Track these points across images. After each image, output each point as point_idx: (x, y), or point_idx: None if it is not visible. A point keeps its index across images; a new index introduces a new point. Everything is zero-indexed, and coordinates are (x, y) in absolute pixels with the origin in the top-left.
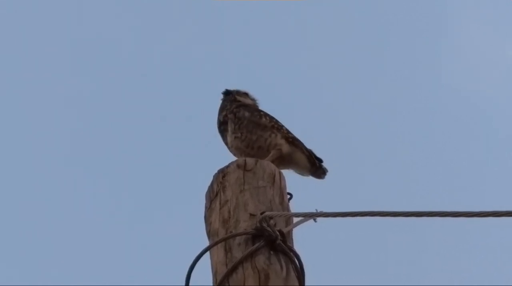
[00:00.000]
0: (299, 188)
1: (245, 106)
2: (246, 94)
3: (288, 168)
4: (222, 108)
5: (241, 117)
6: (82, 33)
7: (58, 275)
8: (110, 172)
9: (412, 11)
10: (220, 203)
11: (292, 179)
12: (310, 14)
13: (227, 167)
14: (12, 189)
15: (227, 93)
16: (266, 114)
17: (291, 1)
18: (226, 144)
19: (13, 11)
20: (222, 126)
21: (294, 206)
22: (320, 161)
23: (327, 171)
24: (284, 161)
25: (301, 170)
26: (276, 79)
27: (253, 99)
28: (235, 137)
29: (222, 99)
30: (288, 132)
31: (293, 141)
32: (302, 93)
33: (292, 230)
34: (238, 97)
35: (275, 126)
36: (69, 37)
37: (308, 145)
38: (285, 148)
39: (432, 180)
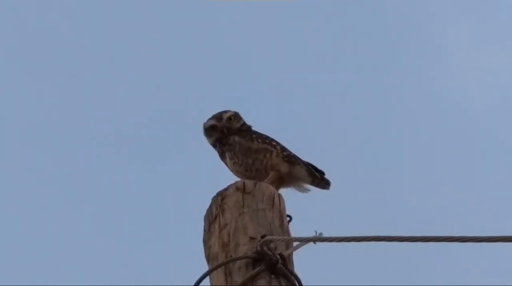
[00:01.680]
0: (299, 210)
1: (237, 131)
2: (235, 117)
3: (289, 186)
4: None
5: (232, 143)
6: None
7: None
8: (104, 191)
9: (398, 18)
10: (219, 226)
11: (291, 201)
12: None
13: (226, 189)
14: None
15: (214, 128)
16: (257, 136)
17: (286, 1)
18: (227, 166)
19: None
20: (220, 150)
21: (294, 228)
22: (322, 173)
23: (330, 182)
24: (284, 180)
25: (303, 185)
26: (275, 84)
27: (241, 119)
28: (234, 163)
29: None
30: (283, 150)
31: (289, 159)
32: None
33: (292, 253)
34: (228, 125)
35: (268, 147)
36: (67, 38)
37: (310, 157)
38: (283, 167)
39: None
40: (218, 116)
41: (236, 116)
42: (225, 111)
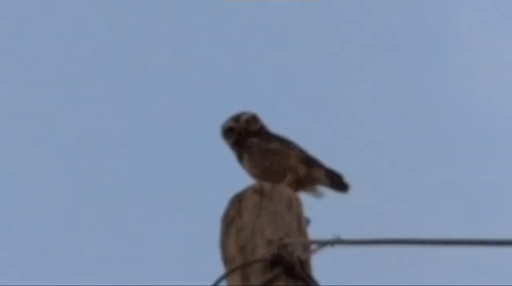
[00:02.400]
0: (317, 214)
1: (254, 133)
2: (253, 118)
3: (307, 189)
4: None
5: (250, 145)
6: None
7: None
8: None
9: (413, 15)
10: (236, 229)
11: (309, 204)
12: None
13: (243, 191)
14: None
15: (231, 130)
16: (276, 138)
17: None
18: (245, 169)
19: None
20: (238, 152)
21: (312, 231)
22: (340, 176)
23: (348, 186)
24: (302, 182)
25: (320, 189)
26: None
27: (259, 121)
28: (251, 165)
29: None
30: (302, 152)
31: (307, 161)
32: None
33: (310, 256)
34: (245, 127)
35: (286, 149)
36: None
37: (328, 160)
38: (301, 170)
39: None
40: (236, 118)
41: (254, 118)
42: (243, 113)
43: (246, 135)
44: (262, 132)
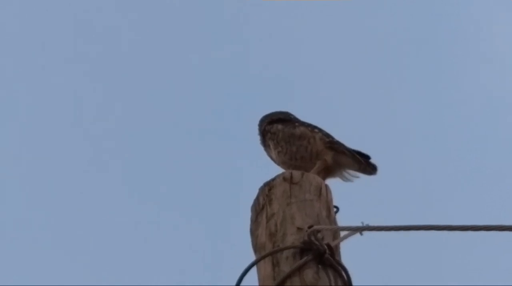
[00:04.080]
0: (346, 201)
1: (278, 121)
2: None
3: (336, 176)
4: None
5: (275, 132)
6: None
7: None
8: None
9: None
10: (266, 216)
11: (338, 192)
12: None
13: (273, 179)
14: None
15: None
16: (300, 123)
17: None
18: (272, 159)
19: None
20: (264, 143)
21: (341, 219)
22: (368, 157)
23: (377, 167)
24: (331, 169)
25: (350, 173)
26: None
27: (285, 114)
28: (278, 152)
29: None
30: (327, 136)
31: (332, 145)
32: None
33: (339, 243)
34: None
35: (311, 133)
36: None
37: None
38: (328, 156)
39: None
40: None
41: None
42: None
43: (270, 124)
44: (287, 120)
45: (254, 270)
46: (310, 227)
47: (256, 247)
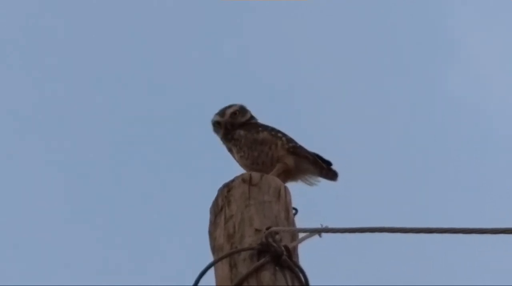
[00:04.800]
0: (304, 203)
1: (241, 125)
2: (239, 111)
3: (297, 179)
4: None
5: (238, 138)
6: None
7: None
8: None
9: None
10: (225, 218)
11: (297, 193)
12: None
13: (232, 181)
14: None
15: (219, 124)
16: (263, 128)
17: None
18: (235, 159)
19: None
20: (227, 145)
21: (300, 221)
22: (329, 163)
23: (337, 173)
24: (291, 173)
25: (311, 178)
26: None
27: (247, 113)
28: (240, 156)
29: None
30: (289, 141)
31: (295, 150)
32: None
33: (297, 245)
34: (231, 121)
35: (273, 139)
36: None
37: (316, 148)
38: (289, 160)
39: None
40: (222, 113)
41: (241, 110)
42: (229, 107)
43: (232, 129)
44: (250, 123)
45: (211, 271)
46: (268, 228)
47: (214, 248)
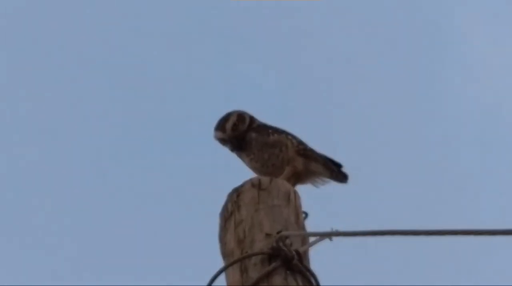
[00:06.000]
0: (315, 207)
1: (251, 128)
2: (239, 120)
3: (306, 182)
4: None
5: (249, 140)
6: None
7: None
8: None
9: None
10: (235, 223)
11: (307, 197)
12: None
13: (242, 185)
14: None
15: (224, 141)
16: (273, 131)
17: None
18: (244, 163)
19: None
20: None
21: (310, 225)
22: (339, 166)
23: (348, 176)
24: (301, 176)
25: (320, 179)
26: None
27: (246, 118)
28: (250, 159)
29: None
30: (300, 143)
31: (305, 152)
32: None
33: (308, 249)
34: (235, 135)
35: (283, 140)
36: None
37: (326, 151)
38: (299, 163)
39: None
40: (222, 127)
41: (239, 119)
42: (227, 119)
43: (240, 138)
44: (259, 125)
45: (222, 276)
46: (278, 233)
47: (225, 254)
